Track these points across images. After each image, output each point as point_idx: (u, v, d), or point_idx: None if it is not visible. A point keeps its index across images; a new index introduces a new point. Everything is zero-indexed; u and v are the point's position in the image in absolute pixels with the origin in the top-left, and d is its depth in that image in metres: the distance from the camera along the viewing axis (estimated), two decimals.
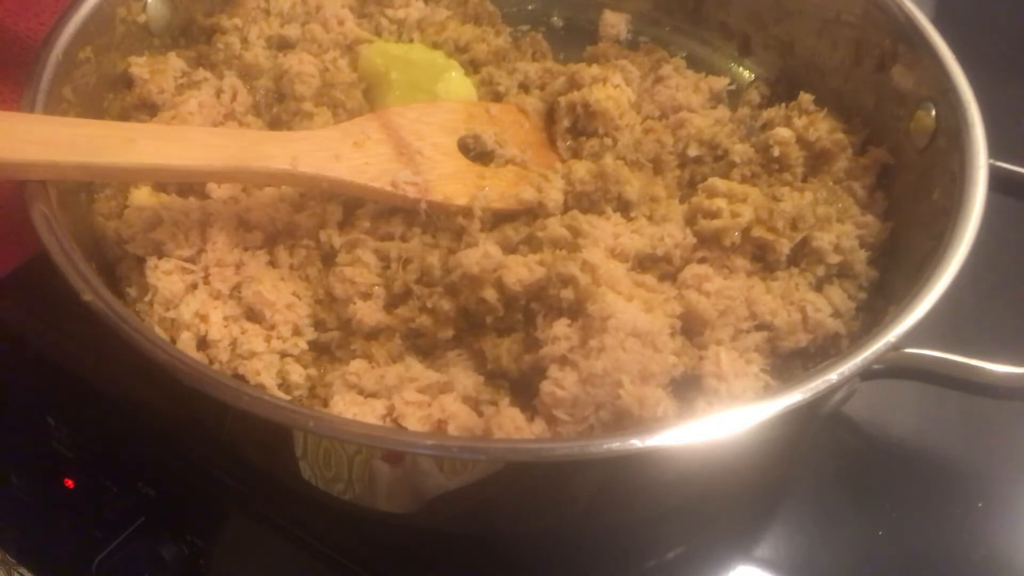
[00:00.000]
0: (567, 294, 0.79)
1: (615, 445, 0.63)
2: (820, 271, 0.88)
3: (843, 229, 0.89)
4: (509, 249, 0.86)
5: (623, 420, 0.74)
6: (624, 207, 0.91)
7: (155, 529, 0.89)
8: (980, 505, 0.88)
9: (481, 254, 0.82)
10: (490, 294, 0.81)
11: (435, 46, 1.07)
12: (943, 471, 0.90)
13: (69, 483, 0.94)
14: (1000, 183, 0.84)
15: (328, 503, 0.77)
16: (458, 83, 1.02)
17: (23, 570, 0.92)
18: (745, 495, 0.87)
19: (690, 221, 0.90)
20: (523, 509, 0.77)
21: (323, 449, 0.70)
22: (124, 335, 0.70)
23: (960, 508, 0.87)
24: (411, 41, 1.08)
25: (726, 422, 0.65)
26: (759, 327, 0.84)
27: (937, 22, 0.92)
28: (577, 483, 0.72)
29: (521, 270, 0.81)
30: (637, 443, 0.63)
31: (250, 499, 0.87)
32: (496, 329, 0.83)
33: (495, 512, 0.78)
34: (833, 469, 0.90)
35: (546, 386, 0.76)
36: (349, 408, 0.76)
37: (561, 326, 0.78)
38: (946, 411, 0.93)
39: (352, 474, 0.72)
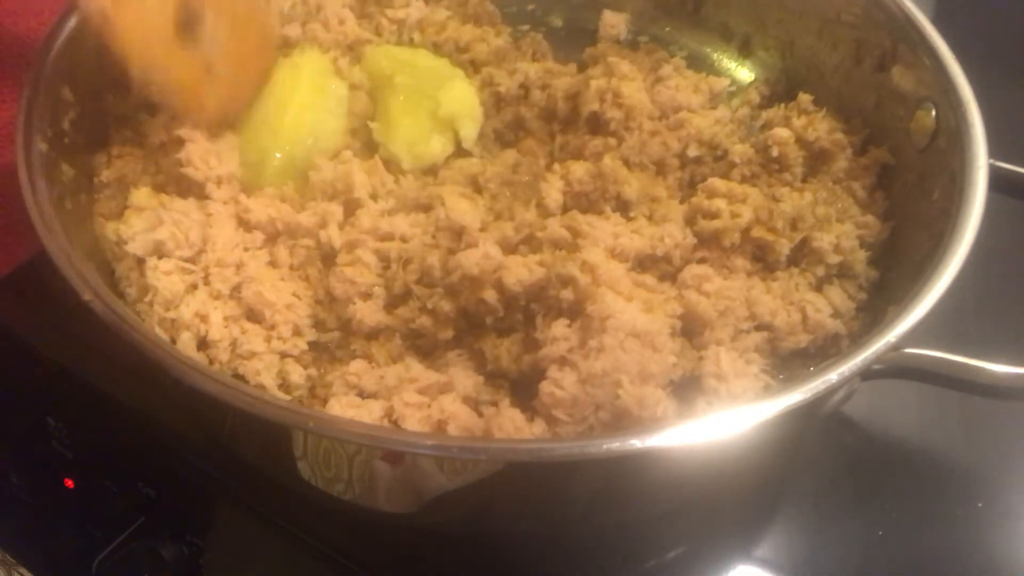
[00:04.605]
0: (567, 295, 0.79)
1: (615, 445, 0.63)
2: (820, 271, 0.88)
3: (843, 229, 0.89)
4: (509, 249, 0.86)
5: (623, 420, 0.74)
6: (623, 207, 0.91)
7: (155, 529, 0.89)
8: (980, 505, 0.88)
9: (481, 255, 0.82)
10: (490, 295, 0.81)
11: (435, 46, 1.07)
12: (943, 471, 0.90)
13: (69, 483, 0.94)
14: (1000, 183, 0.83)
15: (328, 503, 0.77)
16: (461, 90, 1.02)
17: (23, 570, 0.92)
18: (745, 495, 0.87)
19: (690, 221, 0.90)
20: (523, 509, 0.77)
21: (323, 449, 0.70)
22: (124, 335, 0.70)
23: (960, 508, 0.87)
24: (411, 41, 1.08)
25: (726, 422, 0.65)
26: (759, 327, 0.84)
27: (937, 22, 0.92)
28: (577, 483, 0.72)
29: (521, 271, 0.81)
30: (637, 443, 0.63)
31: (250, 499, 0.86)
32: (496, 330, 0.83)
33: (495, 512, 0.78)
34: (833, 469, 0.90)
35: (545, 386, 0.76)
36: (347, 410, 0.76)
37: (560, 326, 0.78)
38: (946, 411, 0.93)
39: (352, 474, 0.71)
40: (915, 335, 0.72)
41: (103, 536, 0.88)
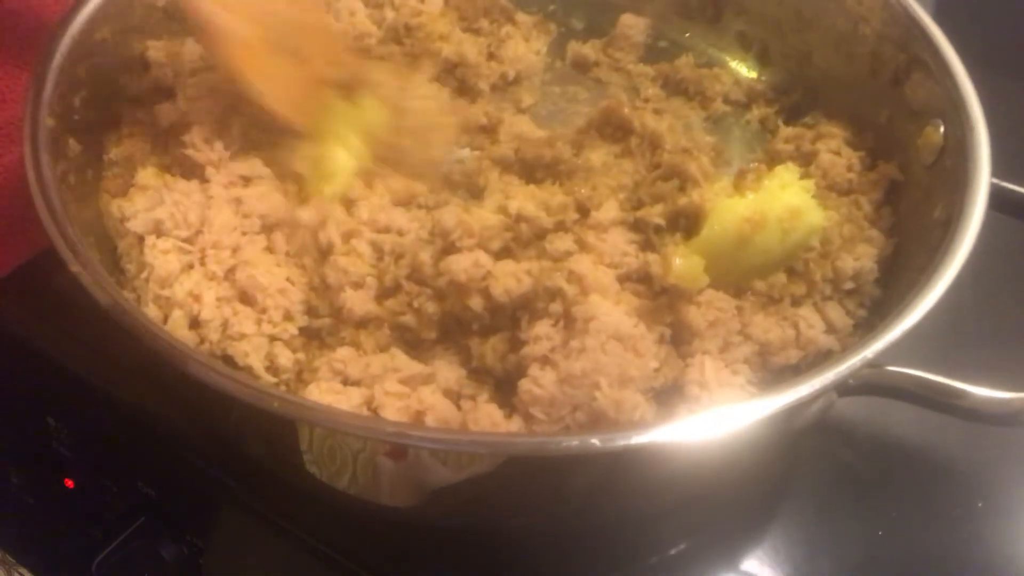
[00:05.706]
0: (555, 307, 0.79)
1: (574, 443, 0.63)
2: (828, 290, 0.86)
3: (865, 250, 0.87)
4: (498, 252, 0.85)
5: (599, 422, 0.73)
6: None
7: (155, 529, 0.89)
8: (980, 505, 0.87)
9: (471, 262, 0.81)
10: (476, 302, 0.80)
11: (439, 38, 1.07)
12: (943, 471, 0.89)
13: (69, 483, 0.94)
14: (1003, 203, 0.82)
15: (329, 501, 0.77)
16: None
17: (23, 570, 0.93)
18: (745, 494, 0.86)
19: None
20: (522, 503, 0.77)
21: (327, 442, 0.70)
22: (109, 309, 0.70)
23: (960, 508, 0.87)
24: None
25: (694, 428, 0.64)
26: (749, 340, 0.83)
27: (936, 22, 0.91)
28: (574, 479, 0.72)
29: (509, 280, 0.80)
30: (597, 443, 0.62)
31: (251, 499, 0.86)
32: (481, 333, 0.82)
33: (493, 506, 0.77)
34: (833, 469, 0.89)
35: (524, 384, 0.75)
36: (325, 396, 0.76)
37: (544, 325, 0.78)
38: None
39: (356, 468, 0.71)
40: (907, 354, 0.71)
41: (103, 536, 0.89)
